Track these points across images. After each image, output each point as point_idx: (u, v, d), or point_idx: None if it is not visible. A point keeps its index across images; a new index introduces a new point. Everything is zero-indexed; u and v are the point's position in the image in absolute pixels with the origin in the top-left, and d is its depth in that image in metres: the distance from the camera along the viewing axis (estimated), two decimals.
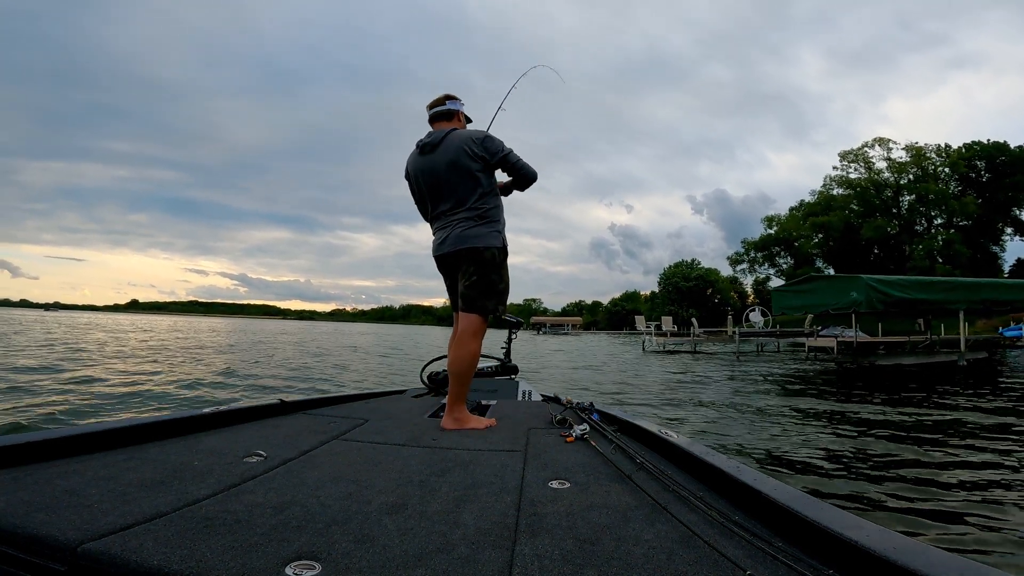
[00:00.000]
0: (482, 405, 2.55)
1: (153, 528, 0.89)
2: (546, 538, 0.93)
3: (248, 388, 6.93)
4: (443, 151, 2.11)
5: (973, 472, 3.25)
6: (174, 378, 7.44)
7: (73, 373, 7.30)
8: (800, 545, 0.89)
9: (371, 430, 1.88)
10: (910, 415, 5.28)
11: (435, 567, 0.81)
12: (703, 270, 69.36)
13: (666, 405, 6.26)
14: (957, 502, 2.70)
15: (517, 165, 2.17)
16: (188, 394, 6.08)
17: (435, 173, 2.13)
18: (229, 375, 8.23)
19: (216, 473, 1.25)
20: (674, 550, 0.89)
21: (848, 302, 9.67)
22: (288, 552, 0.83)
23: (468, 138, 2.11)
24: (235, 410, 1.93)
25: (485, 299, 2.08)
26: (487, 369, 3.71)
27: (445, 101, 2.25)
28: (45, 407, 4.74)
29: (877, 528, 0.85)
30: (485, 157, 2.10)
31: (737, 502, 1.12)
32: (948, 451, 3.78)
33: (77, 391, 5.77)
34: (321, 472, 1.31)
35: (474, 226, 2.09)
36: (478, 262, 2.08)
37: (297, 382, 7.87)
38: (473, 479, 1.29)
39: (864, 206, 43.24)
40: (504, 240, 2.16)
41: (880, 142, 43.46)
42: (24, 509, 0.92)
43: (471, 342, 2.06)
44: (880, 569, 0.74)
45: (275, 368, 9.78)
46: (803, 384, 8.63)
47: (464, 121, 2.33)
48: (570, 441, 1.72)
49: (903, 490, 2.88)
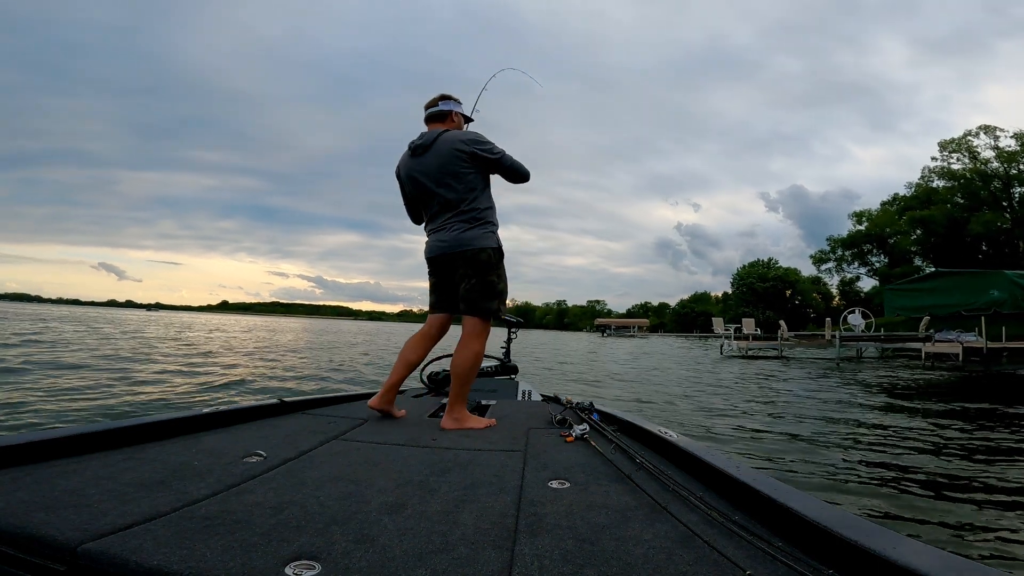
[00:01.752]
0: (482, 405, 2.55)
1: (153, 528, 0.90)
2: (546, 538, 0.93)
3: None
4: (435, 153, 2.10)
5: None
6: (322, 372, 8.37)
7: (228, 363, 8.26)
8: (800, 545, 0.89)
9: (371, 430, 1.89)
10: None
11: (435, 567, 0.81)
12: (781, 270, 65.44)
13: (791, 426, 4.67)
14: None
15: (512, 167, 2.15)
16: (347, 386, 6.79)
17: (427, 175, 2.11)
18: (369, 366, 8.98)
19: (216, 473, 1.25)
20: (674, 550, 0.89)
21: (987, 301, 8.82)
22: (288, 552, 0.83)
23: (460, 139, 2.09)
24: (235, 410, 1.93)
25: (486, 301, 2.08)
26: (487, 369, 3.70)
27: (439, 102, 2.24)
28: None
29: (877, 528, 0.85)
30: (477, 158, 2.09)
31: (737, 502, 1.12)
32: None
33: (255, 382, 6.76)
34: (321, 472, 1.31)
35: (468, 228, 2.08)
36: (475, 264, 2.07)
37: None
38: (473, 479, 1.29)
39: (970, 199, 38.77)
40: (498, 240, 2.15)
41: (985, 130, 39.00)
42: (24, 509, 0.93)
43: (474, 343, 2.06)
44: (880, 569, 0.74)
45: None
46: (941, 398, 6.63)
47: (462, 122, 2.31)
48: (570, 441, 1.73)
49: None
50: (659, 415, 5.36)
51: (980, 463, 3.36)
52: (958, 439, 4.08)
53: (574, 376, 9.65)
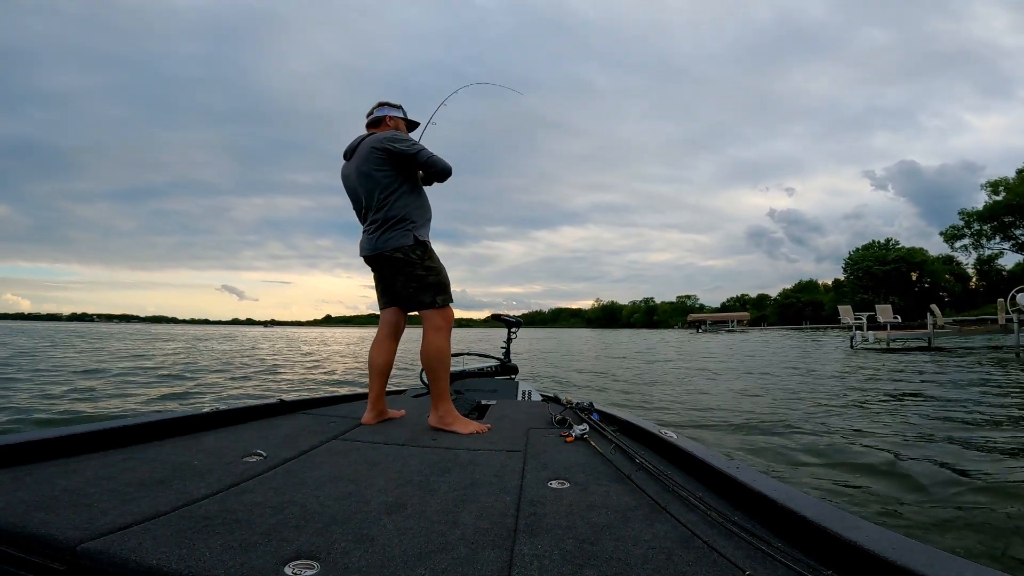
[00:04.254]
0: (482, 405, 2.52)
1: (152, 527, 0.89)
2: (546, 538, 0.92)
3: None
4: (358, 155, 2.13)
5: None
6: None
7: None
8: (799, 545, 0.88)
9: (371, 430, 1.89)
10: None
11: (434, 567, 0.80)
12: (903, 250, 59.02)
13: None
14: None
15: (429, 162, 2.11)
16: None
17: (351, 176, 2.16)
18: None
19: (216, 473, 1.24)
20: (673, 550, 0.88)
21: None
22: (287, 551, 0.83)
23: (377, 139, 2.09)
24: (235, 410, 1.93)
25: (420, 295, 2.09)
26: (487, 369, 3.70)
27: (375, 109, 2.27)
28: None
29: (877, 528, 0.83)
30: (393, 155, 2.06)
31: (737, 502, 1.10)
32: None
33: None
34: (321, 472, 1.31)
35: (384, 231, 2.07)
36: (395, 265, 2.08)
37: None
38: (473, 479, 1.28)
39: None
40: (417, 236, 2.09)
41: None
42: (24, 509, 0.92)
43: (433, 336, 2.06)
44: (879, 569, 0.73)
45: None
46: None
47: (399, 125, 2.29)
48: (570, 441, 1.71)
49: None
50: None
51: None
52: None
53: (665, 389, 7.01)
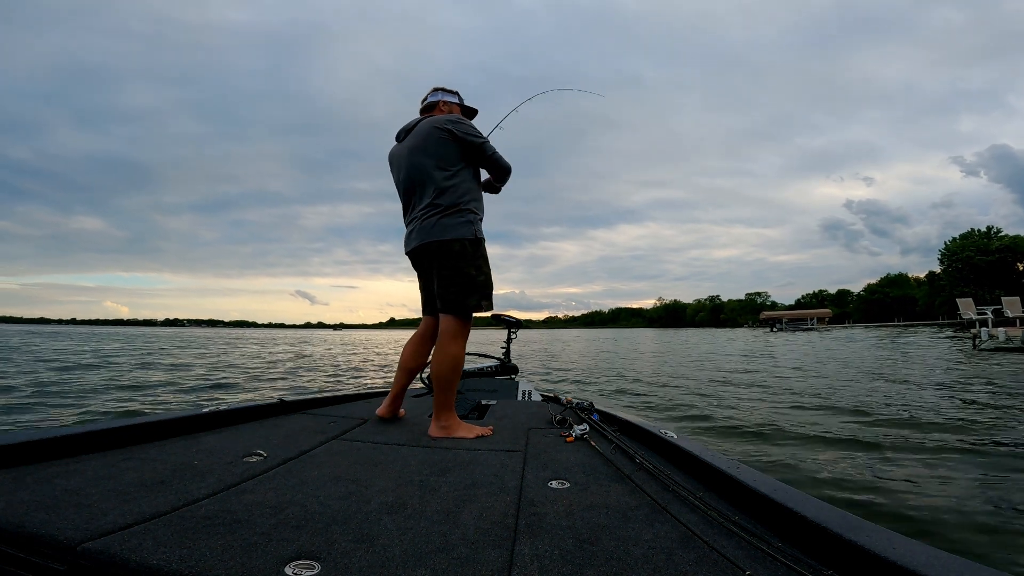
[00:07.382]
0: (482, 405, 2.52)
1: (153, 527, 0.89)
2: (546, 538, 0.93)
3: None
4: (415, 134, 2.01)
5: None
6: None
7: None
8: (800, 545, 0.88)
9: (371, 430, 1.88)
10: None
11: (435, 567, 0.81)
12: (1008, 239, 54.12)
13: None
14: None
15: (493, 157, 2.03)
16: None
17: (405, 157, 2.02)
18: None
19: (216, 473, 1.25)
20: (674, 550, 0.89)
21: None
22: (288, 552, 0.83)
23: (440, 119, 1.97)
24: (235, 410, 1.92)
25: (464, 296, 1.90)
26: (487, 369, 3.69)
27: (430, 95, 2.18)
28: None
29: (877, 528, 0.83)
30: (456, 138, 1.94)
31: (737, 502, 1.11)
32: None
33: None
34: (321, 472, 1.31)
35: (441, 217, 1.92)
36: (447, 256, 1.91)
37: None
38: (473, 479, 1.29)
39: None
40: (477, 231, 1.97)
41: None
42: (24, 509, 0.93)
43: (450, 346, 1.89)
44: (880, 569, 0.73)
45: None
46: None
47: (454, 110, 2.17)
48: (570, 441, 1.71)
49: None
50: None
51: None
52: None
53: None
